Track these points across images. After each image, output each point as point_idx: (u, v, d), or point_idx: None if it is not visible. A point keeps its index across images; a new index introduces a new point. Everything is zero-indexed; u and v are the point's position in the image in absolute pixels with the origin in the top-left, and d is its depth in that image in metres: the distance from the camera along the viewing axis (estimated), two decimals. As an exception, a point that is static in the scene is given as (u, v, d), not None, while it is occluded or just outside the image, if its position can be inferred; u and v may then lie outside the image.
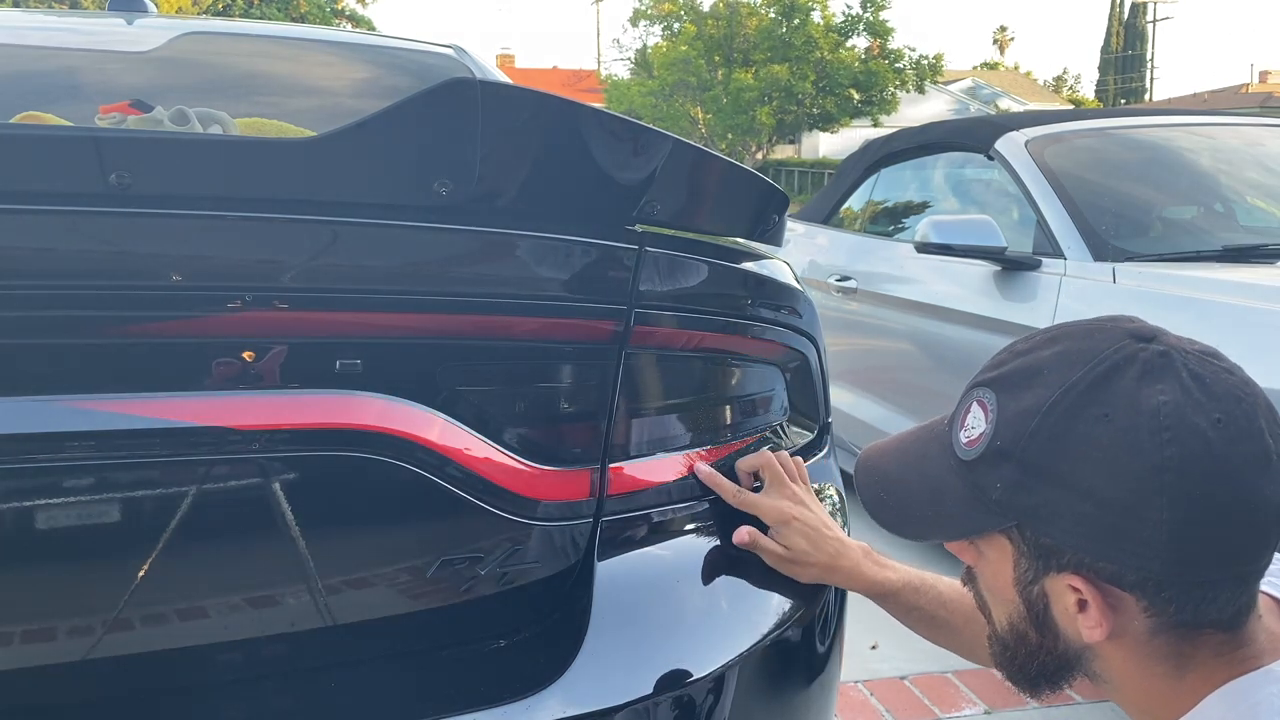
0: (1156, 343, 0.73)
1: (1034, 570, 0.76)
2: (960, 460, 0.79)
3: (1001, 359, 0.80)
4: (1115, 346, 0.73)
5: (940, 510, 0.82)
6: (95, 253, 0.78)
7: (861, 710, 2.34)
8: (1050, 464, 0.72)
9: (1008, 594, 0.79)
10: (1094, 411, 0.71)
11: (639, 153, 0.95)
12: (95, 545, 0.81)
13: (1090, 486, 0.71)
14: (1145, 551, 0.69)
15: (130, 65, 1.94)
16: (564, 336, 0.95)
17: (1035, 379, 0.75)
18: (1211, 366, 0.72)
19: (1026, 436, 0.73)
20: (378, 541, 0.91)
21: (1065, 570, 0.74)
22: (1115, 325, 0.76)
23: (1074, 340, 0.76)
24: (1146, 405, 0.70)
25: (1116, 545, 0.70)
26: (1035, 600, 0.77)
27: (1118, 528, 0.70)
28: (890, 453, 0.92)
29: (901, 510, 0.87)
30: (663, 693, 0.93)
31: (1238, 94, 34.87)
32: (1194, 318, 2.26)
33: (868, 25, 26.63)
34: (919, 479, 0.85)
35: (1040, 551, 0.75)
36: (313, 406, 0.84)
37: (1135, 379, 0.71)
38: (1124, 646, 0.75)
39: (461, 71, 2.06)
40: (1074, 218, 2.81)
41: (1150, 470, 0.69)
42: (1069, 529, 0.72)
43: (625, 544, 1.02)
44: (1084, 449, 0.71)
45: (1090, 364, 0.73)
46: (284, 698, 0.89)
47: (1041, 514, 0.73)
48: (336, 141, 0.82)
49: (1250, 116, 3.91)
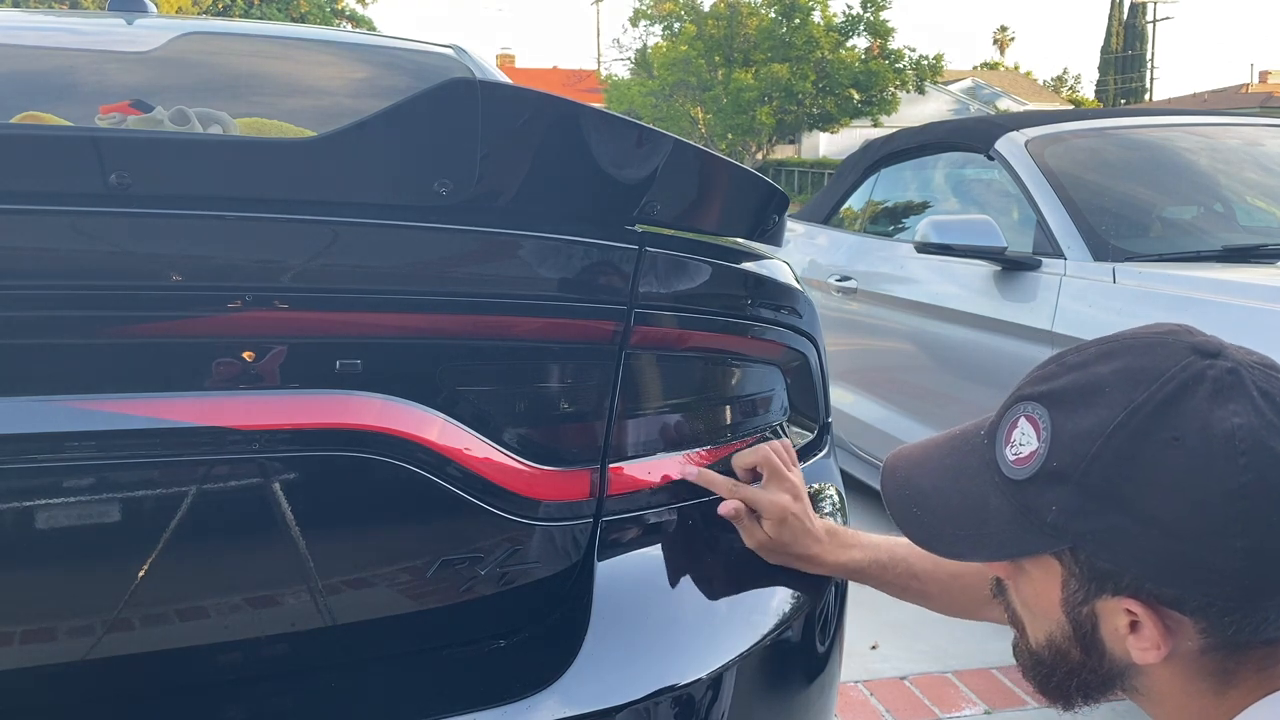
0: (1223, 358, 0.70)
1: (1085, 592, 0.73)
2: (1007, 479, 0.76)
3: (1051, 371, 0.76)
4: (1182, 364, 0.70)
5: (983, 530, 0.78)
6: (95, 253, 0.78)
7: (861, 710, 2.34)
8: (1115, 489, 0.69)
9: (1052, 613, 0.77)
10: (1163, 435, 0.68)
11: (639, 153, 0.95)
12: (95, 545, 0.81)
13: (1159, 513, 0.68)
14: (1215, 578, 0.67)
15: (130, 65, 1.94)
16: (564, 337, 0.95)
17: (1095, 397, 0.71)
18: (1277, 381, 0.69)
19: (1088, 459, 0.70)
20: (378, 541, 0.91)
21: (1122, 594, 0.71)
22: (1176, 339, 0.72)
23: (1135, 356, 0.72)
24: (1220, 428, 0.66)
25: (1184, 572, 0.68)
26: (1083, 620, 0.74)
27: (1187, 555, 0.67)
28: (921, 463, 0.87)
29: (938, 527, 0.83)
30: (662, 693, 0.93)
31: (1238, 94, 34.87)
32: (1194, 318, 2.25)
33: (868, 25, 26.64)
34: (958, 495, 0.81)
35: (1095, 574, 0.72)
36: (313, 406, 0.84)
37: (1207, 399, 0.68)
38: (1172, 665, 0.72)
39: (461, 71, 2.06)
40: (1074, 218, 2.81)
41: (1226, 497, 0.66)
42: (1132, 555, 0.69)
43: (625, 544, 1.02)
44: (1153, 474, 0.68)
45: (1157, 383, 0.69)
46: (284, 698, 0.89)
47: (1102, 539, 0.70)
48: (337, 141, 0.82)
49: (1250, 116, 3.91)
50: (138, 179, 0.75)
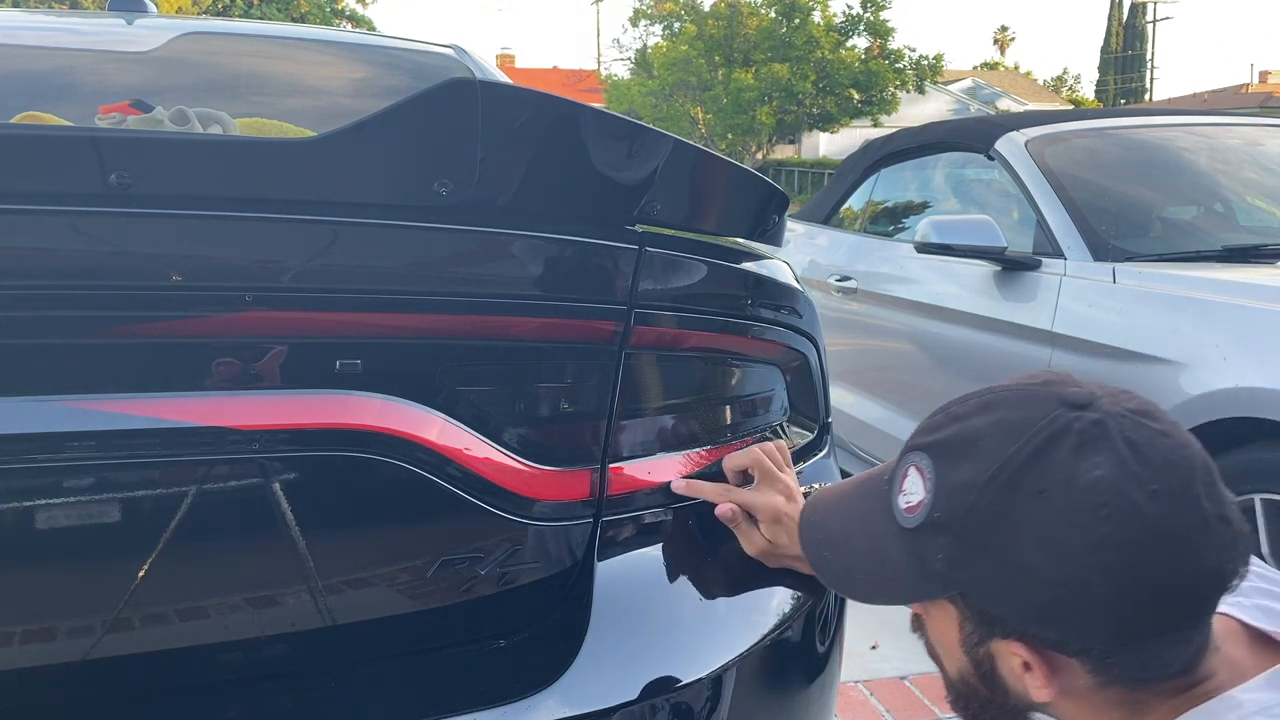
0: (1091, 410, 0.72)
1: (979, 635, 0.76)
2: (900, 527, 0.79)
3: (939, 422, 0.79)
4: (1050, 416, 0.72)
5: (884, 575, 0.81)
6: (95, 253, 0.78)
7: (861, 710, 2.34)
8: (989, 540, 0.72)
9: (955, 652, 0.80)
10: (1031, 488, 0.70)
11: (639, 153, 0.95)
12: (95, 545, 0.81)
13: (1029, 563, 0.70)
14: (1085, 625, 0.70)
15: (130, 65, 1.94)
16: (564, 336, 0.95)
17: (971, 449, 0.74)
18: (1147, 431, 0.71)
19: (965, 511, 0.73)
20: (378, 541, 0.91)
21: (1009, 637, 0.74)
22: (1049, 391, 0.74)
23: (1009, 408, 0.75)
24: (1083, 481, 0.69)
25: (1059, 619, 0.71)
26: (982, 660, 0.78)
27: (1058, 602, 0.70)
28: (834, 508, 0.91)
29: (847, 571, 0.87)
30: (662, 693, 0.93)
31: (1238, 94, 34.87)
32: (1194, 318, 2.26)
33: (868, 25, 26.64)
34: (863, 540, 0.84)
35: (984, 619, 0.75)
36: (313, 406, 0.84)
37: (1071, 452, 0.70)
38: (1075, 700, 0.75)
39: (461, 71, 2.06)
40: (1074, 218, 2.81)
41: (1088, 548, 0.68)
42: (1011, 602, 0.72)
43: (625, 544, 1.02)
44: (1023, 526, 0.70)
45: (1025, 436, 0.72)
46: (284, 698, 0.89)
47: (983, 587, 0.73)
48: (337, 141, 0.82)
49: (1250, 116, 3.91)
50: (138, 179, 0.75)
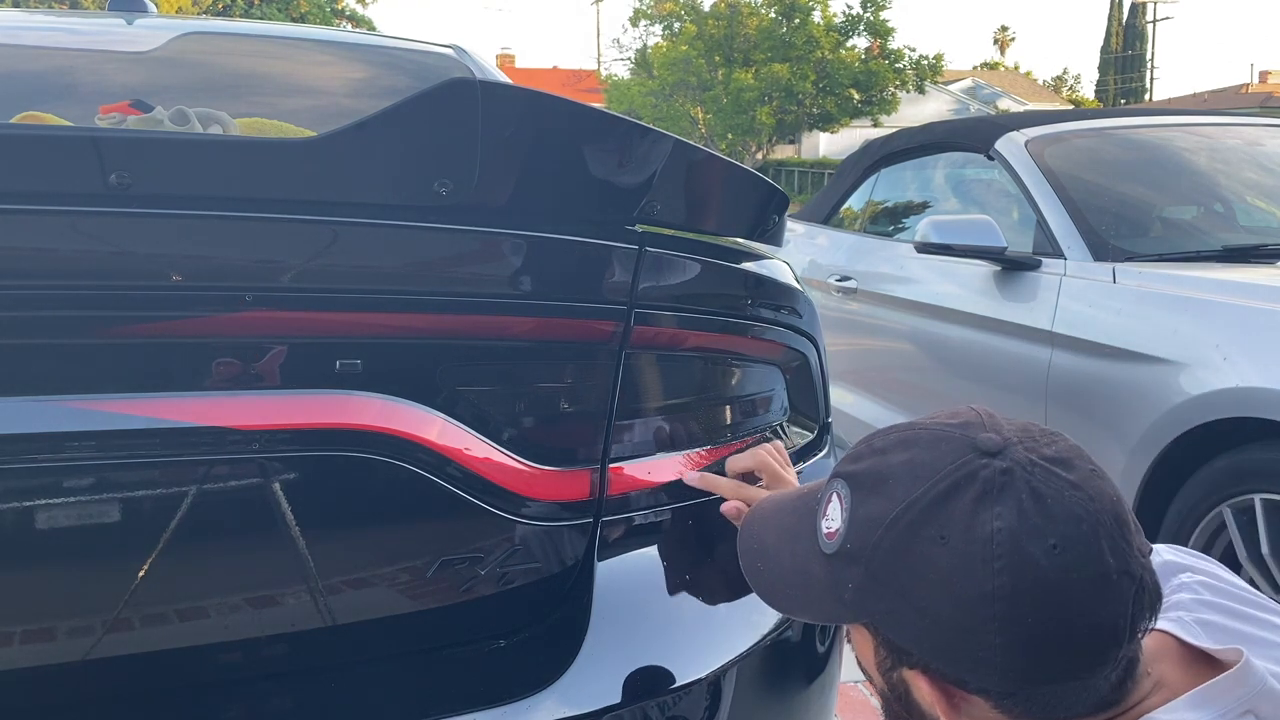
0: (1000, 458, 0.71)
1: (890, 660, 0.77)
2: (820, 550, 0.80)
3: (861, 452, 0.80)
4: (957, 462, 0.72)
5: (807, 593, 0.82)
6: (95, 253, 0.78)
7: (861, 710, 2.34)
8: (892, 577, 0.73)
9: (874, 673, 0.81)
10: (931, 532, 0.71)
11: (639, 153, 0.95)
12: (96, 545, 0.81)
13: (928, 605, 0.71)
14: (981, 669, 0.70)
15: (130, 65, 1.94)
16: (564, 336, 0.95)
17: (882, 486, 0.75)
18: (1057, 483, 0.70)
19: (871, 547, 0.74)
20: (378, 541, 0.91)
21: (915, 668, 0.75)
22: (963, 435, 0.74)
23: (921, 449, 0.75)
24: (981, 532, 0.69)
25: (954, 660, 0.72)
26: (896, 684, 0.79)
27: (954, 645, 0.71)
28: (770, 520, 0.92)
29: (774, 584, 0.88)
30: (662, 693, 0.93)
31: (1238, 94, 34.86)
32: (1194, 318, 2.26)
33: (868, 25, 26.64)
34: (790, 557, 0.85)
35: (892, 648, 0.76)
36: (313, 406, 0.84)
37: (973, 501, 0.70)
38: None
39: (461, 71, 2.06)
40: (1074, 218, 2.81)
41: (982, 598, 0.68)
42: (913, 638, 0.73)
43: (625, 544, 1.02)
44: (921, 569, 0.71)
45: (932, 480, 0.72)
46: (284, 698, 0.89)
47: (887, 620, 0.74)
48: (337, 142, 0.82)
49: (1250, 116, 3.91)
50: (138, 179, 0.75)
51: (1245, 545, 2.08)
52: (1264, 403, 2.00)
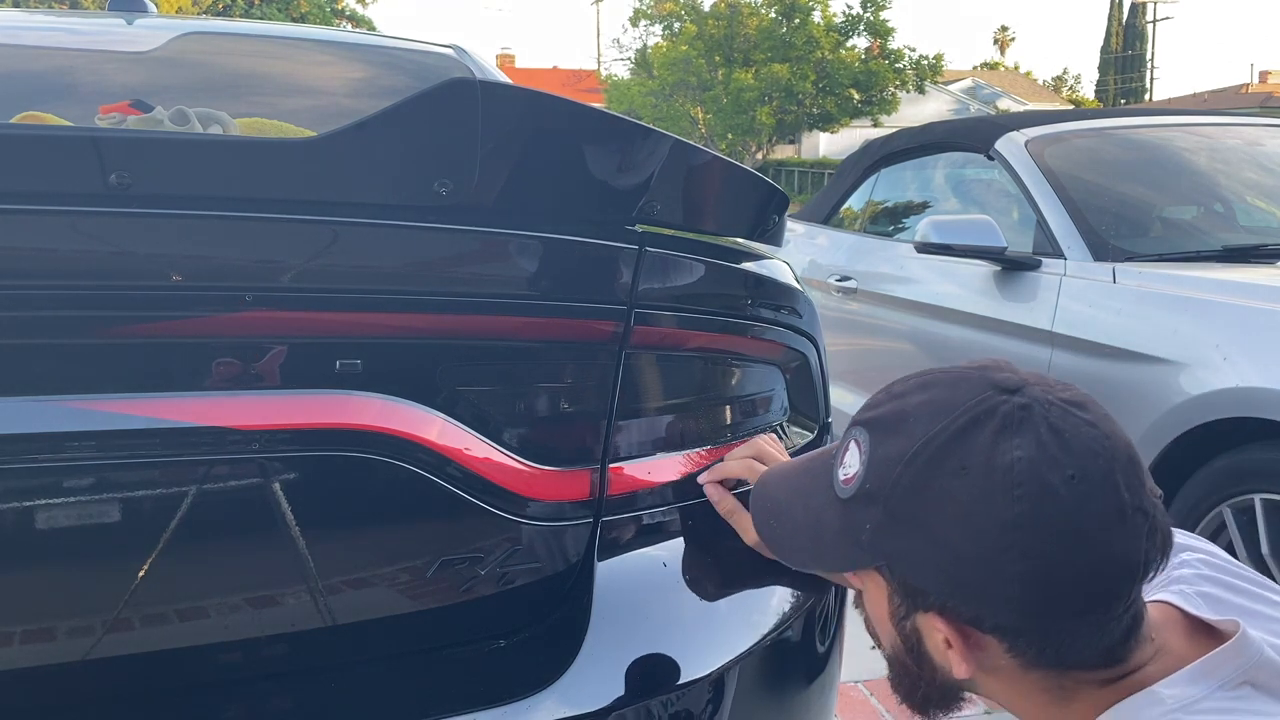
0: (1020, 395, 0.73)
1: (905, 607, 0.78)
2: (837, 497, 0.81)
3: (879, 399, 0.82)
4: (978, 398, 0.74)
5: (820, 544, 0.84)
6: (95, 253, 0.78)
7: (861, 710, 2.34)
8: (911, 513, 0.74)
9: (886, 626, 0.82)
10: (952, 465, 0.72)
11: (639, 153, 0.95)
12: (95, 545, 0.81)
13: (948, 538, 0.72)
14: (998, 603, 0.71)
15: (130, 65, 1.94)
16: (564, 336, 0.95)
17: (902, 426, 0.76)
18: (1073, 420, 0.72)
19: (891, 484, 0.75)
20: (378, 541, 0.91)
21: (930, 610, 0.75)
22: (981, 375, 0.76)
23: (940, 389, 0.77)
24: (1001, 462, 0.70)
25: (972, 594, 0.72)
26: (909, 635, 0.79)
27: (972, 579, 0.72)
28: (784, 479, 0.93)
29: (787, 539, 0.90)
30: (662, 693, 0.93)
31: (1238, 94, 34.86)
32: (1194, 318, 2.26)
33: (868, 25, 26.64)
34: (803, 511, 0.87)
35: (908, 591, 0.77)
36: (312, 406, 0.84)
37: (993, 433, 0.72)
38: (1000, 679, 0.77)
39: (461, 71, 2.06)
40: (1074, 218, 2.81)
41: (1002, 527, 0.70)
42: (930, 575, 0.74)
43: (625, 544, 1.02)
44: (942, 502, 0.72)
45: (952, 416, 0.73)
46: (284, 698, 0.89)
47: (905, 558, 0.76)
48: (337, 141, 0.82)
49: (1250, 116, 3.91)
50: (138, 179, 0.75)
51: (1245, 545, 2.08)
52: (1264, 403, 2.00)
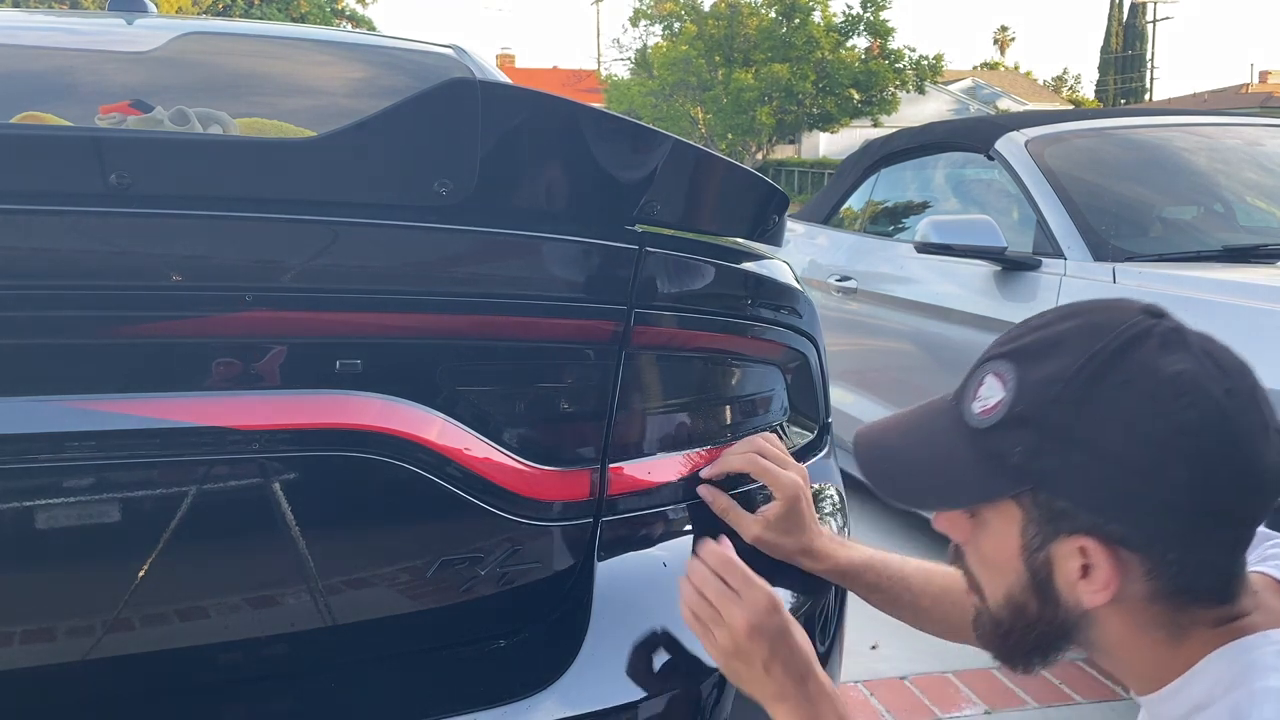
0: (1168, 320, 0.78)
1: (1042, 535, 0.79)
2: (973, 429, 0.82)
3: (1016, 334, 0.84)
4: (1131, 321, 0.77)
5: (950, 480, 0.84)
6: (95, 253, 0.78)
7: (861, 710, 2.34)
8: (1073, 427, 0.75)
9: (1011, 564, 0.81)
10: (1116, 378, 0.75)
11: (639, 153, 0.95)
12: (96, 545, 0.81)
13: (1110, 448, 0.74)
14: (1158, 510, 0.73)
15: (130, 65, 1.94)
16: (564, 336, 0.95)
17: (1056, 349, 0.78)
18: (1216, 343, 0.77)
19: (1049, 402, 0.76)
20: (378, 541, 0.91)
21: (1076, 533, 0.76)
22: (1128, 304, 0.80)
23: (1092, 315, 0.80)
24: (1166, 373, 0.74)
25: (1132, 504, 0.74)
26: (1040, 567, 0.80)
27: (1135, 488, 0.74)
28: (890, 429, 0.94)
29: (907, 481, 0.89)
30: (662, 693, 0.93)
31: (1238, 94, 34.85)
32: (1194, 318, 2.24)
33: (868, 25, 26.64)
34: (925, 450, 0.87)
35: (1051, 515, 0.77)
36: (312, 406, 0.84)
37: (1155, 349, 0.75)
38: (1122, 612, 0.78)
39: (461, 71, 2.06)
40: (1074, 218, 2.81)
41: (1170, 433, 0.72)
42: (1086, 490, 0.75)
43: (625, 544, 1.02)
44: (1107, 413, 0.74)
45: (1110, 336, 0.77)
46: (284, 698, 0.89)
47: (1060, 476, 0.76)
48: (337, 142, 0.82)
49: (1250, 116, 3.91)
50: (138, 179, 0.75)
51: (1245, 545, 2.08)
52: (1264, 403, 1.99)
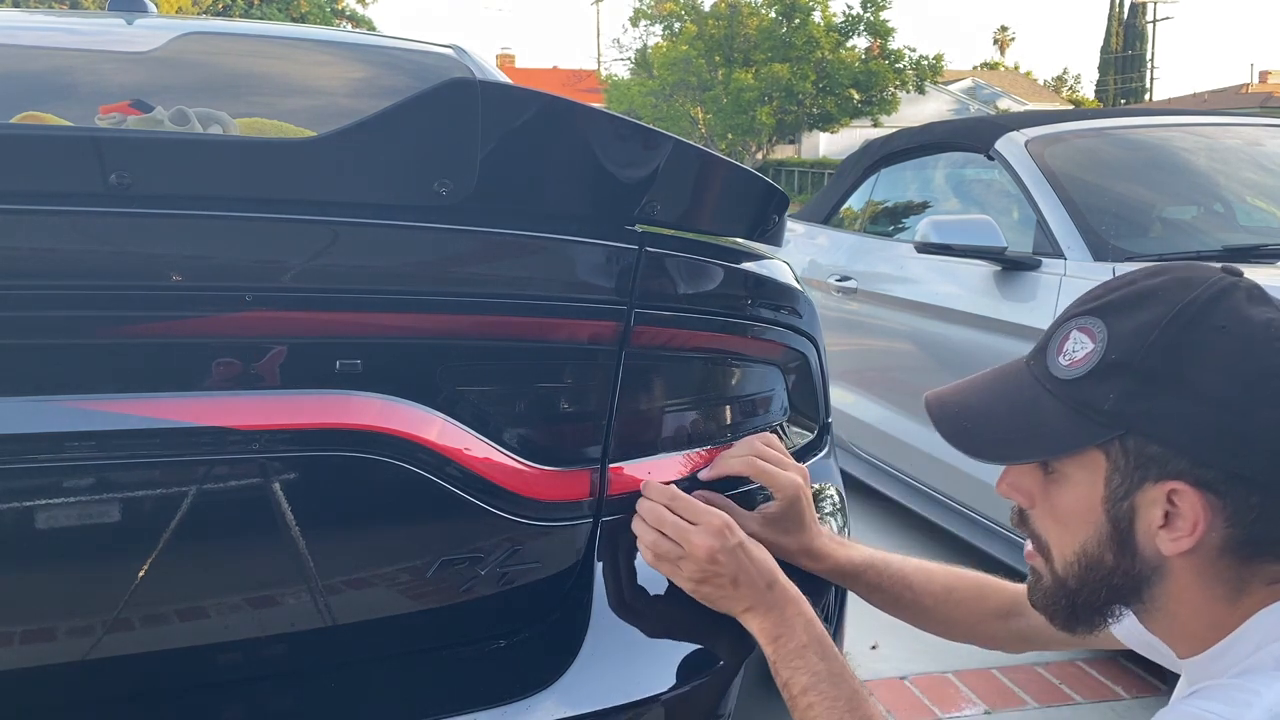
0: (1247, 278, 0.83)
1: (1128, 483, 0.82)
2: (1061, 381, 0.85)
3: (1098, 293, 0.87)
4: (1216, 277, 0.82)
5: (1036, 430, 0.86)
6: (95, 253, 0.78)
7: (861, 710, 2.33)
8: (1169, 370, 0.79)
9: (1091, 515, 0.84)
10: (1211, 323, 0.79)
11: (639, 153, 0.95)
12: (96, 545, 0.81)
13: (1207, 390, 0.78)
14: (1249, 450, 0.77)
15: (130, 65, 1.94)
16: (564, 336, 0.95)
17: (1148, 300, 0.83)
18: None
19: (1145, 347, 0.80)
20: (378, 541, 0.91)
21: (1165, 478, 0.80)
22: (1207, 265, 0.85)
23: (1175, 272, 0.85)
24: (1258, 319, 0.79)
25: (1224, 445, 0.78)
26: (1122, 516, 0.83)
27: (1230, 427, 0.77)
28: (966, 390, 0.96)
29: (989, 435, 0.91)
30: (662, 693, 0.93)
31: (1238, 94, 34.84)
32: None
33: (868, 25, 26.64)
34: (1006, 406, 0.90)
35: (1141, 461, 0.81)
36: (312, 406, 0.84)
37: (1244, 300, 0.80)
38: (1193, 564, 0.81)
39: (461, 71, 2.06)
40: (1074, 218, 2.81)
41: (1264, 374, 0.77)
42: (1180, 431, 0.79)
43: (625, 544, 1.02)
44: (1202, 357, 0.79)
45: (1200, 288, 0.81)
46: (284, 698, 0.89)
47: (1154, 420, 0.80)
48: (337, 141, 0.82)
49: (1250, 116, 3.91)
50: (138, 179, 0.75)
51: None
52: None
